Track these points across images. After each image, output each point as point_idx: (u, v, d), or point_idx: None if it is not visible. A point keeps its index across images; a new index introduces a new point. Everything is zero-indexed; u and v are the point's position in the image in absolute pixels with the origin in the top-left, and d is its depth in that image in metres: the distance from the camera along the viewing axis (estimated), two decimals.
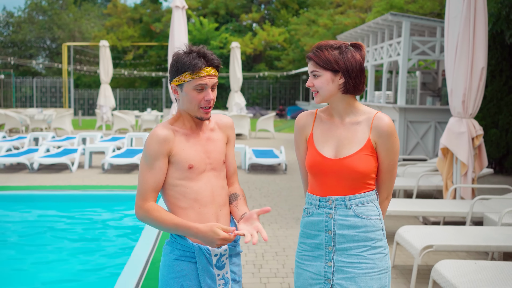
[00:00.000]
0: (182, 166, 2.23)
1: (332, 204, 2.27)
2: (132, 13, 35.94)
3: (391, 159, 2.29)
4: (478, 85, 6.15)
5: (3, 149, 10.81)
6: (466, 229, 4.73)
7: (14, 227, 6.56)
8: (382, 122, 2.27)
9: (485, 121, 10.06)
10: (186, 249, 2.25)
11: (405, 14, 11.63)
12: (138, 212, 2.23)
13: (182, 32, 9.70)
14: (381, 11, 17.05)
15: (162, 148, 2.21)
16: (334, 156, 2.27)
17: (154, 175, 2.21)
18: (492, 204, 5.76)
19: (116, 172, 10.11)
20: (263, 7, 36.28)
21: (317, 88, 2.26)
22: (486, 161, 6.43)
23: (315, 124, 2.39)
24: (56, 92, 31.11)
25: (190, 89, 2.22)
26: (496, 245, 4.30)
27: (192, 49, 2.24)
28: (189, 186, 2.24)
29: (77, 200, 7.62)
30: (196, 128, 2.32)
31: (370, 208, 2.27)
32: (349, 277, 2.23)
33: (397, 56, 11.80)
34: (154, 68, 34.47)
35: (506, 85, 9.94)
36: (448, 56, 6.33)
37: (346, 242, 2.25)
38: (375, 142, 2.27)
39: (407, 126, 11.69)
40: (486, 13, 6.14)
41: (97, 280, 4.83)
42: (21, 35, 38.22)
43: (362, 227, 2.24)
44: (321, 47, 2.27)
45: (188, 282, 2.24)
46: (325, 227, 2.28)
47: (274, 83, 32.47)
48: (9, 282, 4.75)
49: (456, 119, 6.33)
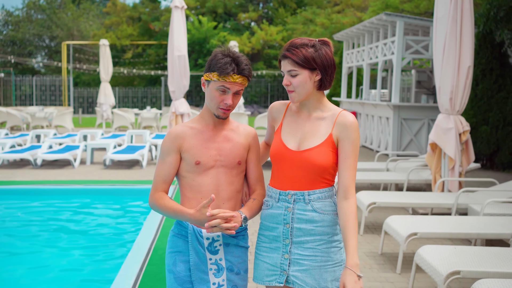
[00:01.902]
0: (191, 161, 2.40)
1: (292, 199, 2.32)
2: (131, 11, 36.19)
3: (353, 152, 2.28)
4: (465, 83, 6.44)
5: (7, 146, 11.08)
6: (450, 218, 5.02)
7: (20, 220, 6.83)
8: (346, 118, 2.31)
9: (476, 118, 10.34)
10: (182, 228, 2.45)
11: (399, 14, 11.91)
12: (149, 200, 2.47)
13: (182, 32, 9.96)
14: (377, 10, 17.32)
15: (173, 145, 2.42)
16: (297, 148, 2.33)
17: (165, 169, 2.43)
18: (476, 196, 6.05)
19: (117, 168, 10.39)
20: (261, 6, 36.55)
21: (295, 87, 2.29)
22: (473, 156, 6.71)
23: (286, 115, 2.46)
24: (56, 90, 31.36)
25: (213, 88, 2.37)
26: (477, 233, 4.58)
27: (230, 53, 2.36)
28: (195, 179, 2.42)
29: (80, 194, 7.90)
30: (216, 125, 2.48)
31: (327, 203, 2.32)
32: (304, 270, 2.30)
33: (391, 55, 12.09)
34: (153, 66, 34.71)
35: (496, 83, 10.22)
36: (436, 55, 6.61)
37: (303, 235, 2.31)
38: (337, 138, 2.30)
39: (401, 123, 11.99)
40: (472, 13, 6.41)
41: (100, 269, 5.08)
42: (21, 34, 38.45)
43: (319, 222, 2.30)
44: (296, 45, 2.29)
45: (181, 257, 2.43)
46: (283, 220, 2.34)
47: (272, 81, 32.75)
48: (16, 270, 5.01)
49: (444, 116, 6.61)
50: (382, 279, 4.49)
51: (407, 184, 7.62)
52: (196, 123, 2.50)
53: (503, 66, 10.24)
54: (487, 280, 3.33)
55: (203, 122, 2.49)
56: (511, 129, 10.11)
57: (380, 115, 12.87)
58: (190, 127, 2.47)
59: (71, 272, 4.96)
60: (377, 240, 5.61)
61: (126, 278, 4.18)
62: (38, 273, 4.94)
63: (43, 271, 4.99)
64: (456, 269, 3.58)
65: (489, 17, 9.05)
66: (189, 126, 2.48)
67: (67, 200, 7.69)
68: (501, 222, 4.83)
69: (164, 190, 2.46)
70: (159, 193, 2.44)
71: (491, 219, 4.93)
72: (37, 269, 5.04)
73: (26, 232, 6.28)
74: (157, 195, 2.44)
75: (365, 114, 14.26)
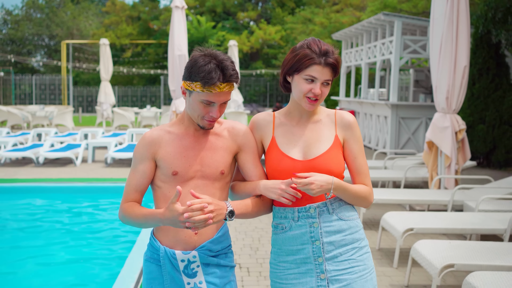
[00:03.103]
0: (167, 171, 2.13)
1: (315, 212, 2.14)
2: (131, 11, 36.30)
3: (361, 149, 2.22)
4: (461, 83, 6.57)
5: (9, 144, 11.21)
6: (446, 214, 5.16)
7: (23, 216, 6.96)
8: (345, 117, 2.21)
9: (472, 117, 10.48)
10: (154, 251, 2.19)
11: (397, 14, 12.05)
12: (119, 213, 2.18)
13: (182, 32, 10.09)
14: (375, 10, 17.45)
15: (147, 151, 2.14)
16: (303, 157, 2.16)
17: (137, 178, 2.15)
18: (472, 193, 6.19)
19: (119, 166, 10.51)
20: (260, 6, 36.68)
21: (323, 96, 2.13)
22: (469, 154, 6.85)
23: (276, 127, 2.25)
24: (55, 89, 31.46)
25: (197, 100, 2.07)
26: (471, 228, 4.72)
27: (213, 56, 2.04)
28: (171, 190, 2.13)
29: (83, 192, 8.03)
30: (197, 129, 2.19)
31: (349, 208, 2.20)
32: (345, 285, 2.12)
33: (389, 54, 12.22)
34: (152, 65, 34.83)
35: (493, 82, 10.36)
36: (433, 55, 6.74)
37: (334, 249, 2.14)
38: (342, 138, 2.20)
39: (399, 122, 12.13)
40: (468, 14, 6.54)
41: (104, 264, 5.19)
42: (20, 33, 38.54)
43: (347, 230, 2.16)
44: (334, 53, 2.11)
45: (157, 285, 2.17)
46: (310, 239, 2.14)
47: (271, 80, 32.89)
48: (19, 265, 5.11)
49: (440, 115, 6.75)
50: (380, 273, 4.62)
51: (404, 182, 7.76)
52: (174, 127, 2.20)
53: (500, 66, 10.38)
54: (480, 273, 3.46)
55: (183, 126, 2.19)
56: (507, 127, 10.25)
57: (378, 114, 13.00)
58: (167, 131, 2.18)
59: (74, 268, 5.07)
60: (374, 236, 5.75)
61: (131, 273, 4.27)
62: (41, 268, 5.05)
63: (46, 267, 5.10)
64: (450, 263, 3.71)
65: (487, 18, 9.19)
66: (166, 130, 2.19)
67: (70, 197, 7.81)
68: (495, 218, 4.96)
69: (136, 200, 2.18)
70: (129, 202, 2.16)
71: (485, 215, 5.06)
72: (40, 265, 5.14)
73: (29, 229, 6.39)
74: (127, 205, 2.15)
75: (363, 113, 14.40)
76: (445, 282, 4.41)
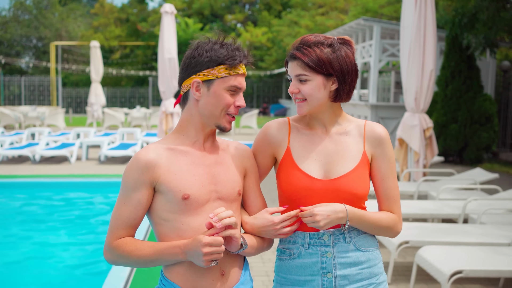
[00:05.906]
0: (174, 196, 1.72)
1: (330, 240, 1.83)
2: (119, 13, 36.80)
3: (392, 170, 1.89)
4: (428, 85, 7.21)
5: (6, 143, 11.71)
6: (410, 202, 5.79)
7: (23, 210, 7.48)
8: (377, 130, 1.89)
9: (445, 116, 11.16)
10: None
11: (376, 19, 12.72)
12: (105, 254, 1.76)
13: (171, 36, 10.65)
14: (357, 14, 18.14)
15: (143, 175, 1.73)
16: (324, 176, 1.83)
17: (130, 210, 1.74)
18: (436, 185, 6.84)
19: (112, 163, 11.05)
20: (247, 8, 37.31)
21: (305, 95, 1.81)
22: (436, 150, 7.49)
23: (292, 136, 1.91)
24: (44, 90, 31.83)
25: (221, 89, 1.75)
26: (430, 213, 5.35)
27: (221, 38, 1.81)
28: (184, 222, 1.73)
29: (78, 187, 8.56)
30: (204, 144, 1.84)
31: (369, 236, 1.88)
32: None
33: (369, 57, 12.88)
34: (140, 67, 35.32)
35: (465, 84, 11.05)
36: (403, 59, 7.38)
37: (348, 284, 1.83)
38: (371, 155, 1.89)
39: (379, 121, 12.78)
40: (435, 22, 7.19)
41: (98, 258, 5.40)
42: (8, 34, 38.78)
43: (365, 262, 1.85)
44: (309, 43, 1.81)
45: None
46: (321, 270, 1.83)
47: (258, 82, 33.51)
48: (17, 257, 5.43)
49: (409, 114, 7.39)
50: None
51: None
52: (174, 143, 1.81)
53: (471, 68, 11.09)
54: (430, 247, 4.08)
55: (186, 139, 1.82)
56: (478, 127, 10.94)
57: (359, 114, 13.65)
58: (165, 148, 1.79)
59: (69, 261, 5.28)
60: None
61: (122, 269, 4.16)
62: (38, 262, 5.31)
63: (42, 260, 5.36)
64: (405, 240, 4.33)
65: (455, 22, 9.88)
66: (165, 147, 1.79)
67: (66, 192, 8.35)
68: (453, 205, 5.60)
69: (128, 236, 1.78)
70: (122, 239, 1.75)
71: (444, 203, 5.71)
72: (37, 259, 5.39)
73: (29, 222, 6.84)
74: (120, 242, 1.74)
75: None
76: (405, 259, 5.03)
